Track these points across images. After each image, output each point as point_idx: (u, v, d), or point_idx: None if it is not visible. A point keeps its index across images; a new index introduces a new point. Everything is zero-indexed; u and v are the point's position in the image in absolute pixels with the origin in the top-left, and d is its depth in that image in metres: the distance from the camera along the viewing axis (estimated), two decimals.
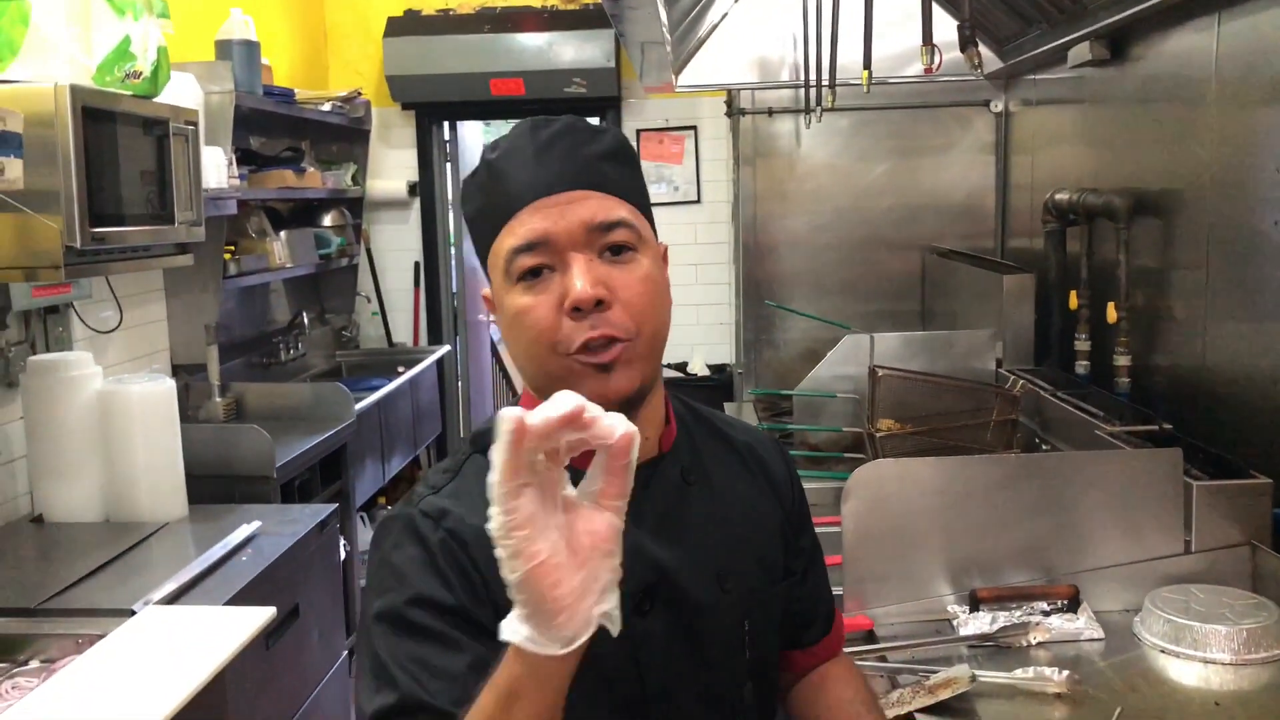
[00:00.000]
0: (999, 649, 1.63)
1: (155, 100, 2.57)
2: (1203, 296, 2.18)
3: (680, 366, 4.96)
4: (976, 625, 1.68)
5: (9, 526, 2.59)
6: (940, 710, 1.46)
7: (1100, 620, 1.68)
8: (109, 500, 2.61)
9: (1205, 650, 1.56)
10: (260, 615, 2.05)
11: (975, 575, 1.75)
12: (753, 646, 1.08)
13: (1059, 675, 1.48)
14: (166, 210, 2.59)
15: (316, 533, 2.66)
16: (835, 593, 1.31)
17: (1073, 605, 1.69)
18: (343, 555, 3.09)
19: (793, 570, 1.18)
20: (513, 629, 0.72)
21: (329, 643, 2.78)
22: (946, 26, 2.35)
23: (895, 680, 1.56)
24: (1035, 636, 1.64)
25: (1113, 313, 2.45)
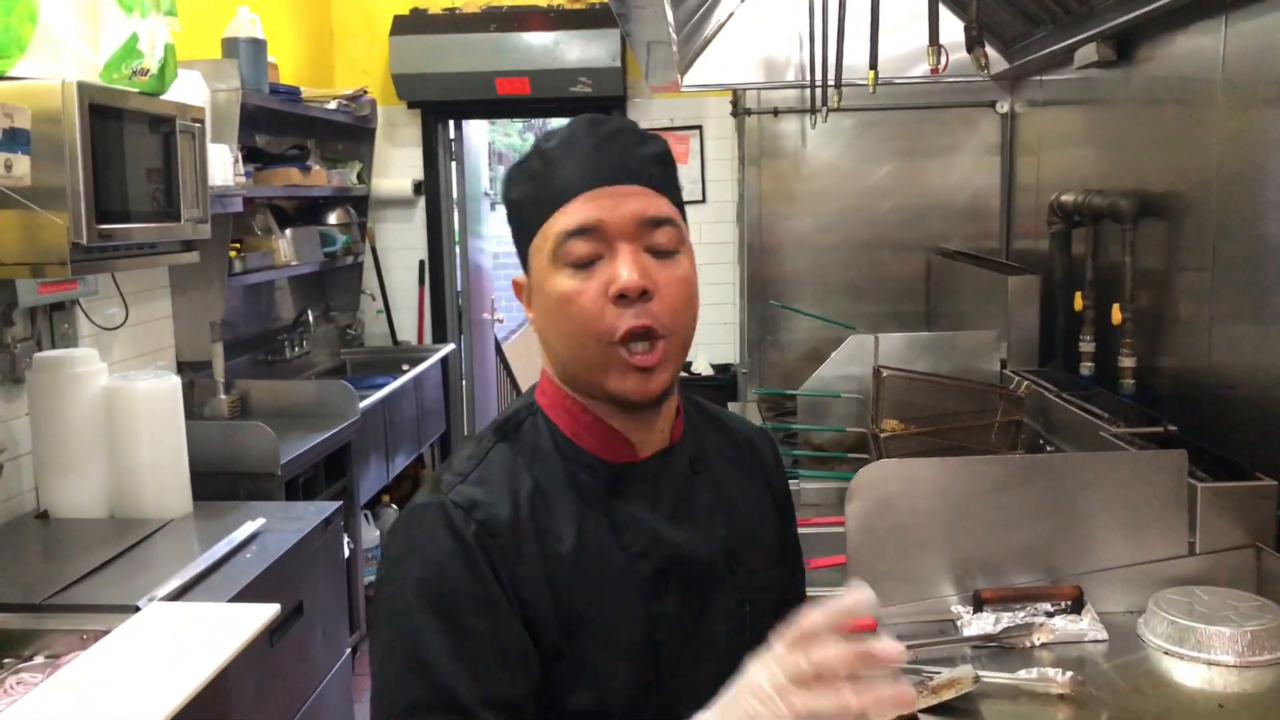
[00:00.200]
0: (1002, 650, 1.63)
1: (162, 98, 2.58)
2: (1208, 298, 2.18)
3: (685, 366, 4.96)
4: (980, 626, 1.68)
5: (14, 522, 2.59)
6: (943, 711, 1.46)
7: (1104, 621, 1.68)
8: (114, 497, 2.62)
9: (1209, 652, 1.56)
10: (264, 612, 2.05)
11: (979, 576, 1.75)
12: (752, 627, 1.11)
13: (1062, 676, 1.49)
14: (172, 207, 2.59)
15: (320, 530, 2.66)
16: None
17: (1076, 606, 1.69)
18: (346, 553, 3.09)
19: (784, 557, 1.22)
20: None
21: (332, 640, 2.79)
22: (953, 27, 2.35)
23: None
24: (1039, 637, 1.64)
25: (1118, 314, 2.45)
